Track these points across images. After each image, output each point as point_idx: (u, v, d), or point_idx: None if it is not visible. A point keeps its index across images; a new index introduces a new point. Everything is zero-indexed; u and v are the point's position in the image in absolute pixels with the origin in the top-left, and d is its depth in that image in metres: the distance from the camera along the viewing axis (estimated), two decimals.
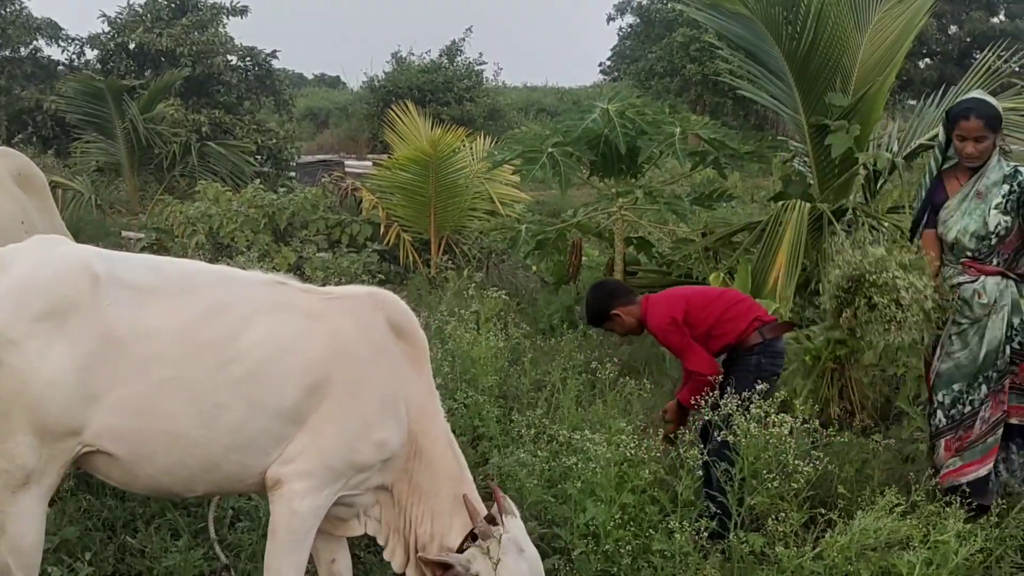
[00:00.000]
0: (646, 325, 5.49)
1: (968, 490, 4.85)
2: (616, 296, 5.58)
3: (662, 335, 5.42)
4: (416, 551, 3.97)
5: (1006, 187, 5.24)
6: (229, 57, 22.72)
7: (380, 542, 4.09)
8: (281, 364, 3.70)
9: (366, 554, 4.81)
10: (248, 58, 23.36)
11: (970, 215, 5.28)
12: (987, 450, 5.28)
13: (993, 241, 5.24)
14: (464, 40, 31.67)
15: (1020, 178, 5.25)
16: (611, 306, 5.52)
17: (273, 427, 3.69)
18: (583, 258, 9.98)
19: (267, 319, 3.74)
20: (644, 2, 33.57)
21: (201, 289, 3.77)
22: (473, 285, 8.15)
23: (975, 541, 4.27)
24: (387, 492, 4.00)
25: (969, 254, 5.31)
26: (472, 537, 3.89)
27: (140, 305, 3.62)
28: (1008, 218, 5.21)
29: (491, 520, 3.90)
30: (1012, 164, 5.40)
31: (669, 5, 29.68)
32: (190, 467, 3.67)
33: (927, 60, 32.08)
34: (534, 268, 10.98)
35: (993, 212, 5.22)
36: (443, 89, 29.33)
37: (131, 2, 22.81)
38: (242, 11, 22.98)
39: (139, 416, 3.56)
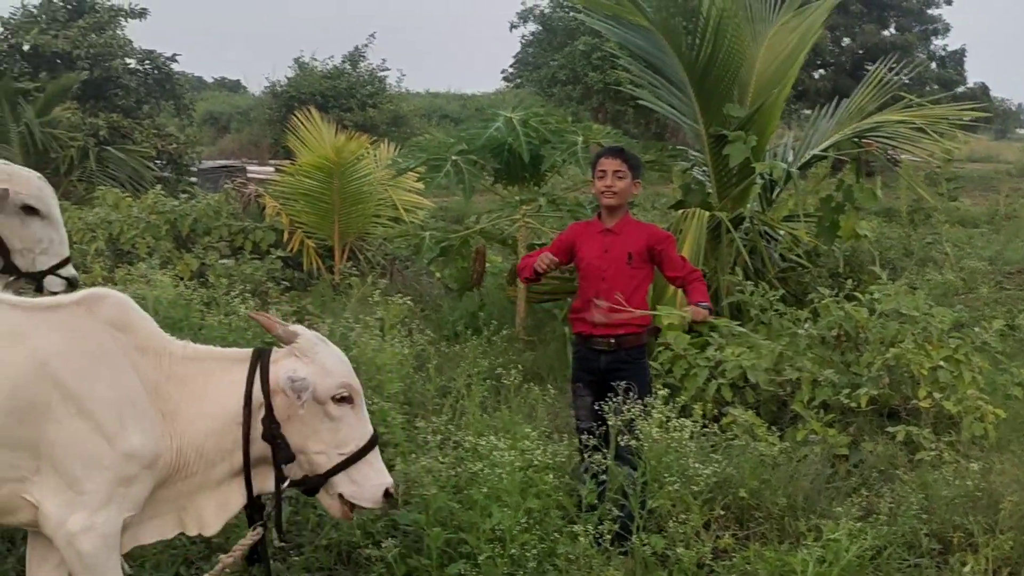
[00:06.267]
0: (654, 230, 5.72)
1: None
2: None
3: (669, 240, 5.64)
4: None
5: None
6: (128, 60, 22.40)
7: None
8: None
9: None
10: (147, 61, 23.05)
11: None
12: None
13: None
14: (367, 46, 31.70)
15: None
16: (640, 173, 5.62)
17: None
18: (487, 264, 10.04)
19: None
20: (546, 11, 33.85)
21: None
22: (377, 292, 8.14)
23: (865, 538, 4.43)
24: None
25: None
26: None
27: None
28: None
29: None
30: None
31: (571, 14, 29.99)
32: None
33: (821, 71, 32.91)
34: (438, 275, 11.01)
35: None
36: (346, 95, 29.29)
37: (25, 3, 22.33)
38: (141, 14, 22.65)
39: None
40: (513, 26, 35.47)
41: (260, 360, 3.78)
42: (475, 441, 4.94)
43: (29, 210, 5.42)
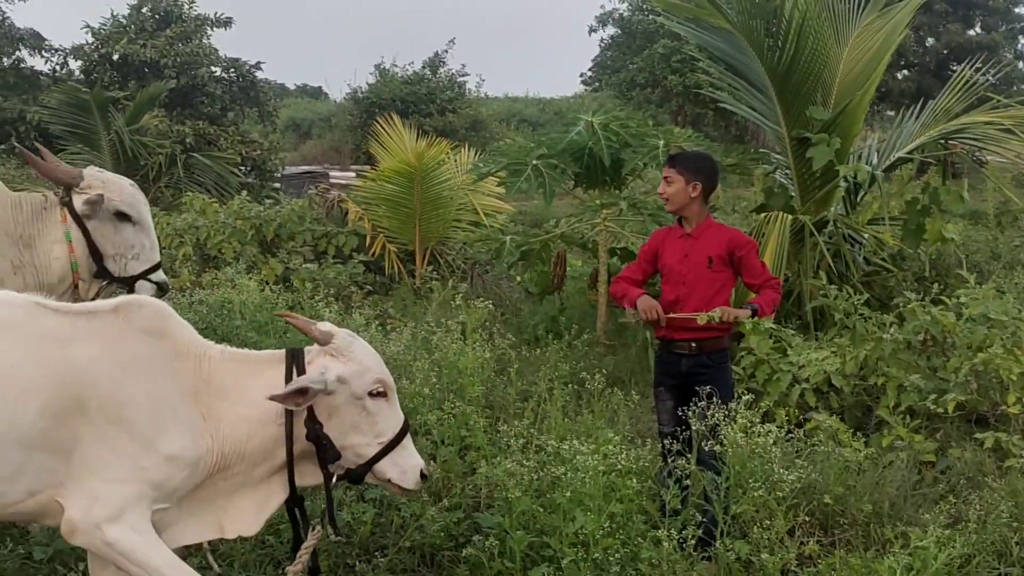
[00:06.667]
0: (736, 234, 5.67)
1: None
2: (714, 176, 5.67)
3: (751, 246, 5.62)
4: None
5: None
6: (213, 68, 22.72)
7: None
8: (11, 390, 3.52)
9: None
10: (232, 69, 23.39)
11: None
12: None
13: None
14: (447, 52, 31.84)
15: None
16: (708, 176, 5.58)
17: (15, 456, 3.53)
18: (567, 268, 10.06)
19: (1, 342, 3.60)
20: (625, 14, 33.75)
21: None
22: (458, 296, 8.21)
23: (954, 546, 4.37)
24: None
25: None
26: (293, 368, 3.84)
27: None
28: None
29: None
30: None
31: (651, 17, 29.88)
32: None
33: (905, 72, 32.35)
34: (518, 279, 11.05)
35: None
36: (426, 100, 29.43)
37: (115, 13, 22.84)
38: (226, 22, 23.02)
39: None
40: (592, 30, 35.43)
41: (295, 360, 3.87)
42: (557, 445, 4.96)
43: (122, 216, 5.56)
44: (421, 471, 3.99)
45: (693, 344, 5.47)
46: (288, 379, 3.82)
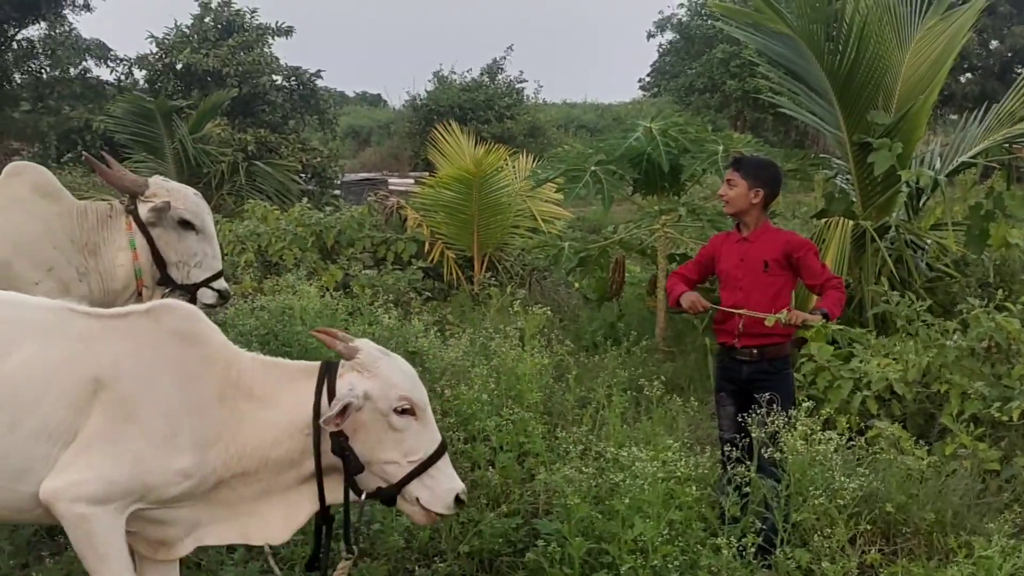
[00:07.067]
0: (792, 236, 5.68)
1: None
2: (777, 185, 5.66)
3: (808, 247, 5.59)
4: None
5: None
6: (274, 77, 23.03)
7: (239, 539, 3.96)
8: (43, 387, 3.61)
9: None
10: (293, 78, 23.68)
11: None
12: None
13: None
14: (505, 58, 31.92)
15: None
16: (771, 185, 5.57)
17: (41, 452, 3.61)
18: (626, 275, 10.04)
19: (34, 343, 3.68)
20: (684, 19, 33.61)
21: None
22: (516, 302, 8.22)
23: (1019, 556, 4.31)
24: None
25: None
26: (325, 382, 3.80)
27: None
28: None
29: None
30: None
31: (709, 22, 29.74)
32: None
33: (968, 75, 31.88)
34: (576, 285, 11.04)
35: None
36: (484, 107, 29.53)
37: (178, 23, 23.20)
38: (287, 31, 23.32)
39: None
40: (650, 35, 35.29)
41: (328, 374, 3.83)
42: (616, 452, 4.95)
43: (186, 224, 5.65)
44: (457, 495, 3.85)
45: (755, 351, 5.44)
46: (319, 391, 3.79)
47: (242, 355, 3.93)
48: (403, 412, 3.79)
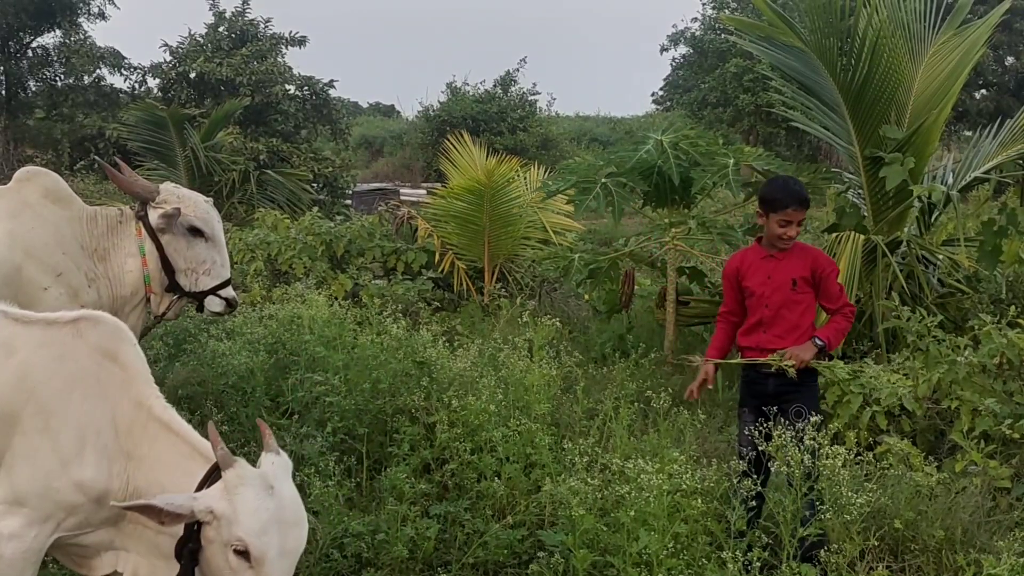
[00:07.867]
0: (819, 254, 5.57)
1: None
2: (764, 199, 5.55)
3: (832, 267, 5.53)
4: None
5: None
6: (287, 86, 23.10)
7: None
8: None
9: None
10: (306, 87, 23.76)
11: None
12: None
13: None
14: (518, 70, 32.00)
15: None
16: (760, 201, 5.51)
17: None
18: (635, 287, 10.01)
19: None
20: (697, 33, 33.61)
21: None
22: (526, 313, 8.21)
23: None
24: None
25: None
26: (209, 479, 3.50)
27: None
28: None
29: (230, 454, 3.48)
30: None
31: (722, 36, 29.75)
32: None
33: (983, 91, 31.78)
34: (586, 297, 11.03)
35: None
36: (497, 119, 29.61)
37: (192, 32, 23.30)
38: (300, 41, 23.42)
39: None
40: (664, 49, 35.29)
41: (211, 477, 3.51)
42: (622, 464, 4.93)
43: (195, 232, 5.65)
44: None
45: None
46: (201, 485, 3.49)
47: (155, 399, 3.74)
48: (238, 553, 3.36)
